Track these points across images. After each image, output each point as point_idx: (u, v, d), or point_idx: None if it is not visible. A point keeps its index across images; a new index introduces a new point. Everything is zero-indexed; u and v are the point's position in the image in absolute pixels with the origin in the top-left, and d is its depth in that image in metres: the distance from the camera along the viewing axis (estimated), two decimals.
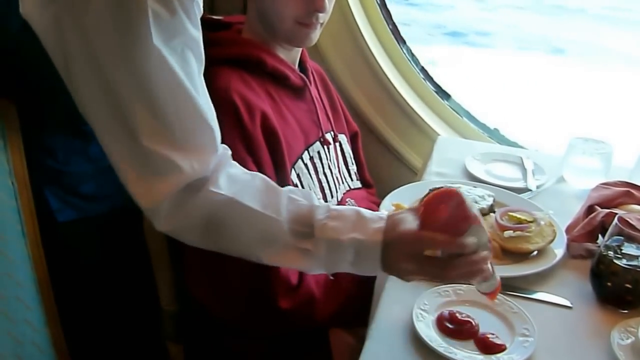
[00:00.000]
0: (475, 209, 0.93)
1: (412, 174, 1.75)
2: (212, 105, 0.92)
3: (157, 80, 0.83)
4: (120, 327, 1.26)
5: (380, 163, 1.73)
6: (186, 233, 0.96)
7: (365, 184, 1.53)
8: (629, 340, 0.99)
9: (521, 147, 1.82)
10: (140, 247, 1.29)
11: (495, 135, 1.88)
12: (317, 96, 1.39)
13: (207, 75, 1.13)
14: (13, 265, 1.08)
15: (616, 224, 1.08)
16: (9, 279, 1.08)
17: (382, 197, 1.52)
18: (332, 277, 1.26)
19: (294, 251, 0.94)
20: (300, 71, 1.36)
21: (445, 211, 0.92)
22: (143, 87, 0.83)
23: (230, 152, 0.97)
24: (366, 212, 0.96)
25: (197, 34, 0.87)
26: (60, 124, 1.14)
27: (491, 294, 0.99)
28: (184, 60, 0.85)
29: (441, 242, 0.91)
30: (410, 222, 0.93)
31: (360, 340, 1.24)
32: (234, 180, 0.95)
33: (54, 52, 0.83)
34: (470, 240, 0.91)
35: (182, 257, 1.25)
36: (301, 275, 1.21)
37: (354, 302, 1.26)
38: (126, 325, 1.27)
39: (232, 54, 1.25)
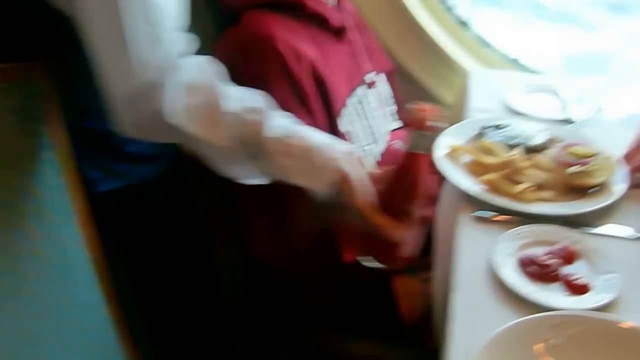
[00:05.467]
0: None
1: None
2: None
3: None
4: (181, 300, 1.21)
5: (409, 100, 1.67)
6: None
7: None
8: None
9: (544, 75, 1.78)
10: (191, 209, 1.24)
11: (516, 64, 1.84)
12: (356, 37, 1.32)
13: (245, 20, 1.06)
14: (66, 248, 1.03)
15: None
16: (64, 263, 1.04)
17: None
18: None
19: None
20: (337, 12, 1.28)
21: None
22: None
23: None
24: None
25: None
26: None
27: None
28: None
29: None
30: None
31: (423, 283, 1.24)
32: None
33: None
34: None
35: (240, 217, 1.21)
36: None
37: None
38: (187, 296, 1.22)
39: None
